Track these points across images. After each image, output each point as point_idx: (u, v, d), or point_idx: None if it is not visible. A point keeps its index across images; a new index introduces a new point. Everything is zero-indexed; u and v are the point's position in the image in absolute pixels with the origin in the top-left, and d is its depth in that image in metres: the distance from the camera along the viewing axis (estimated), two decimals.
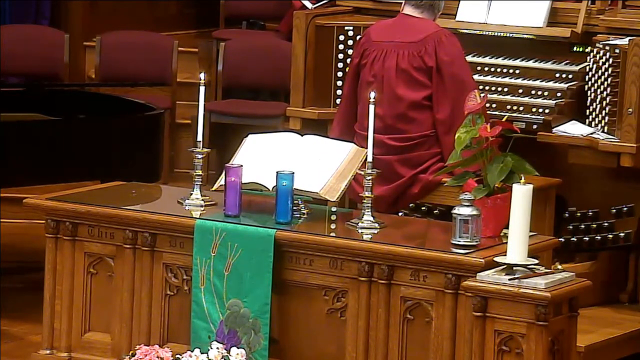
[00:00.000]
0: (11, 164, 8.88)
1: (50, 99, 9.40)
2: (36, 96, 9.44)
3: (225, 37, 11.30)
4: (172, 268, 7.72)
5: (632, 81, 8.43)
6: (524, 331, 6.76)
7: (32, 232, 9.32)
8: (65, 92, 9.75)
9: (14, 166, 8.88)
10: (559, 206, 8.58)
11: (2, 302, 9.13)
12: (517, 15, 9.09)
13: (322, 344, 7.51)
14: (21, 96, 9.48)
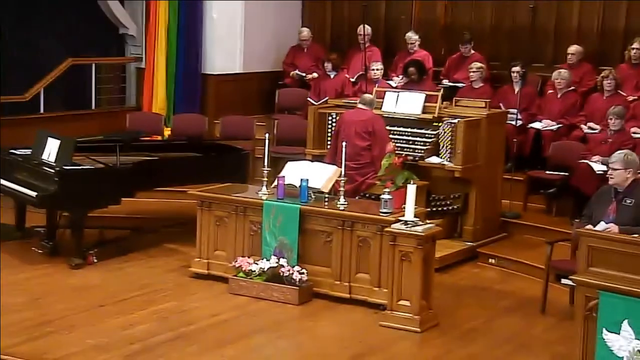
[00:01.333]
0: (180, 175, 8.66)
1: (200, 147, 9.38)
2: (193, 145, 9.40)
3: (277, 118, 11.25)
4: (253, 223, 7.64)
5: (459, 138, 8.44)
6: (412, 250, 6.72)
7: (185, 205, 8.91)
8: (206, 144, 9.65)
9: (182, 176, 8.64)
10: (428, 194, 8.55)
11: (172, 239, 8.76)
12: (409, 106, 8.85)
13: (322, 258, 7.41)
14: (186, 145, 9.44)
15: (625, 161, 6.13)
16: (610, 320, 5.43)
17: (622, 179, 6.10)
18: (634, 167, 6.13)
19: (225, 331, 6.65)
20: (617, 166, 6.15)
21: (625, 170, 6.09)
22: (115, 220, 8.90)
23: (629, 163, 6.12)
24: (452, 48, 11.25)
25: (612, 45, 10.52)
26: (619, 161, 6.16)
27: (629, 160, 6.14)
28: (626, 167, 6.11)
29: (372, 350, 6.37)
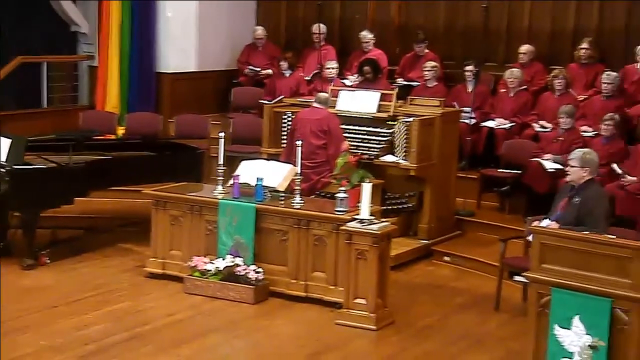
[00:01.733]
0: (134, 174, 8.56)
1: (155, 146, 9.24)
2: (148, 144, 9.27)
3: (232, 116, 11.12)
4: (209, 222, 7.62)
5: (414, 137, 8.48)
6: (368, 248, 6.75)
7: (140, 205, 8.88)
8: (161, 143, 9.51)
9: (137, 175, 8.55)
10: (383, 193, 8.56)
11: (126, 239, 8.74)
12: (364, 105, 8.87)
13: (278, 257, 7.41)
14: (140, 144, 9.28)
15: (583, 159, 6.16)
16: (561, 316, 5.51)
17: (578, 177, 6.15)
18: (590, 166, 6.16)
19: (181, 331, 6.64)
20: (574, 163, 6.19)
21: (582, 169, 6.13)
22: (69, 220, 8.81)
23: (586, 162, 6.15)
24: (406, 47, 11.30)
25: (562, 45, 10.63)
26: (577, 159, 6.19)
27: (586, 159, 6.16)
28: (583, 165, 6.15)
29: (328, 348, 6.39)
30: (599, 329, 5.38)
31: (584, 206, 5.99)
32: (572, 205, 6.07)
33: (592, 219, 5.92)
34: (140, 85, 11.35)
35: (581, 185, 6.12)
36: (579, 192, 6.09)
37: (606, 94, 9.47)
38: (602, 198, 6.09)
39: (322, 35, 11.08)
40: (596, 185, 6.17)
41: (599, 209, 6.00)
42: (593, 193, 6.04)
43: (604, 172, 8.48)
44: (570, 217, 6.03)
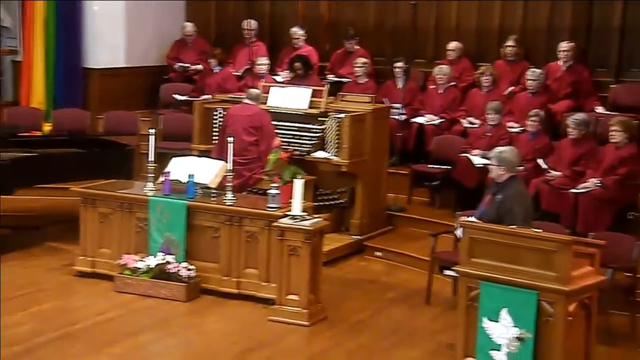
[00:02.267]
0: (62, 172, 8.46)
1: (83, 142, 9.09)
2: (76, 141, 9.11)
3: (162, 113, 11.00)
4: (139, 219, 7.57)
5: (345, 133, 8.54)
6: (300, 245, 6.79)
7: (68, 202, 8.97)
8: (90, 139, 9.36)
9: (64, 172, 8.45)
10: (315, 189, 8.61)
11: (54, 237, 8.66)
12: (295, 101, 8.90)
13: (210, 254, 7.39)
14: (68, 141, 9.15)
15: (499, 158, 6.25)
16: (490, 309, 5.61)
17: (497, 175, 6.24)
18: (507, 164, 6.24)
19: (112, 330, 6.58)
20: (493, 162, 6.30)
21: (499, 167, 6.22)
22: None
23: (501, 160, 6.23)
24: (336, 44, 11.35)
25: (489, 42, 10.78)
26: (494, 157, 6.29)
27: (502, 157, 6.24)
28: (499, 163, 6.24)
29: (261, 344, 6.41)
30: (526, 321, 5.46)
31: (503, 204, 6.07)
32: (494, 202, 6.16)
33: (511, 217, 6.00)
34: (66, 81, 11.14)
35: (503, 183, 6.20)
36: (501, 189, 6.18)
37: (531, 91, 9.67)
38: (521, 196, 6.16)
39: (252, 32, 11.05)
40: (517, 183, 6.25)
41: (518, 208, 6.07)
42: (513, 191, 6.11)
43: (530, 167, 8.72)
44: (492, 214, 6.12)
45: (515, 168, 6.30)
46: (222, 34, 12.18)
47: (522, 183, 6.31)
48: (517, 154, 6.38)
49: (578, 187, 8.13)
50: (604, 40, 10.17)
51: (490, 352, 5.61)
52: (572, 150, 8.48)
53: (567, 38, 10.14)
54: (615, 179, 8.05)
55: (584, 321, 5.64)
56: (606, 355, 6.38)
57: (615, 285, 6.62)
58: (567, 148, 8.55)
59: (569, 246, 5.44)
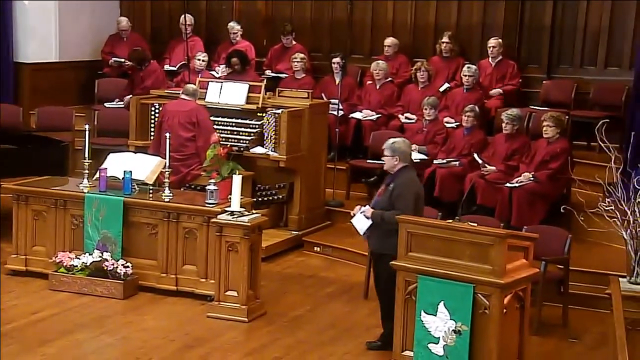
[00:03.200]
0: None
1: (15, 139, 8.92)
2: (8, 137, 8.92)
3: (98, 109, 10.78)
4: (75, 216, 7.51)
5: (283, 128, 8.55)
6: (239, 240, 6.77)
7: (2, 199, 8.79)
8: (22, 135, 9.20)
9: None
10: (253, 184, 8.63)
11: None
12: (232, 97, 8.86)
13: (147, 251, 7.36)
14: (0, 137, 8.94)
15: (392, 148, 6.26)
16: (427, 302, 5.71)
17: (391, 165, 6.26)
18: (400, 154, 6.25)
19: (46, 329, 6.50)
20: (386, 153, 6.30)
21: (392, 157, 6.24)
22: None
23: (394, 150, 6.25)
24: (273, 39, 11.36)
25: (425, 38, 10.93)
26: (387, 148, 6.30)
27: (395, 147, 6.26)
28: (392, 154, 6.26)
29: (199, 341, 6.42)
30: (462, 314, 5.58)
31: (395, 191, 6.17)
32: (387, 192, 6.24)
33: (401, 201, 6.12)
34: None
35: (396, 173, 6.25)
36: (394, 179, 6.24)
37: (467, 87, 9.82)
38: (411, 183, 6.25)
39: (189, 27, 10.97)
40: (409, 171, 6.30)
41: (408, 193, 6.15)
42: (404, 178, 6.21)
43: (465, 162, 8.85)
44: (384, 202, 6.22)
45: (408, 158, 6.34)
46: (159, 28, 12.08)
47: (414, 172, 6.35)
48: (409, 145, 6.44)
49: (512, 181, 8.27)
50: (536, 37, 10.41)
51: (428, 345, 5.71)
52: (506, 145, 8.62)
53: (500, 35, 10.36)
54: (548, 173, 8.20)
55: (518, 313, 5.78)
56: (539, 345, 6.52)
57: (548, 278, 6.76)
58: (501, 143, 8.69)
59: (504, 240, 5.55)
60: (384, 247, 6.24)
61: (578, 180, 7.62)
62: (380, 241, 6.30)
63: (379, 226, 6.26)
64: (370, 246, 6.54)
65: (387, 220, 6.17)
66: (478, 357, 5.59)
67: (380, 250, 6.33)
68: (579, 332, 6.82)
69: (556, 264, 6.93)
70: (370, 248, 6.56)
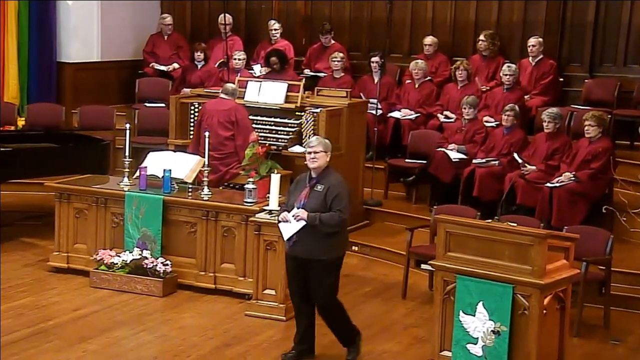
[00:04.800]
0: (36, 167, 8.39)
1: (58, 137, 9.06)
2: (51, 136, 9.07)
3: (138, 108, 10.86)
4: (115, 214, 7.58)
5: (322, 127, 8.53)
6: (277, 239, 6.66)
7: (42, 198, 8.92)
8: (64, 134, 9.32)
9: (39, 167, 8.39)
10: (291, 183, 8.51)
11: (28, 233, 8.58)
12: (271, 96, 8.86)
13: (186, 249, 7.38)
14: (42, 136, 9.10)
15: (325, 144, 6.05)
16: (466, 302, 5.65)
17: (323, 163, 5.99)
18: (331, 150, 6.08)
19: (87, 326, 6.56)
20: (320, 149, 6.02)
21: (326, 153, 6.01)
22: None
23: (327, 146, 6.04)
24: (312, 38, 11.36)
25: (465, 37, 10.86)
26: (320, 144, 6.04)
27: (327, 143, 6.07)
28: (326, 150, 6.03)
29: (237, 339, 6.44)
30: (502, 315, 5.52)
31: (330, 191, 5.90)
32: (315, 193, 5.94)
33: (340, 202, 5.89)
34: (40, 76, 11.11)
35: (321, 173, 5.99)
36: (320, 180, 5.97)
37: (507, 86, 9.72)
38: (343, 182, 6.06)
39: (228, 26, 11.02)
40: (333, 171, 6.09)
41: (344, 192, 5.95)
42: (334, 179, 5.98)
43: (505, 162, 8.78)
44: (317, 204, 5.92)
45: None
46: (199, 28, 12.15)
47: (335, 171, 6.14)
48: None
49: (553, 181, 8.19)
50: (578, 36, 10.30)
51: (466, 345, 5.65)
52: (547, 145, 8.53)
53: (541, 34, 10.25)
54: (589, 173, 8.11)
55: (558, 314, 5.71)
56: (580, 347, 6.48)
57: (589, 279, 6.69)
58: (542, 142, 8.61)
59: (544, 240, 5.48)
60: (315, 252, 5.89)
61: (620, 180, 7.52)
62: (312, 246, 5.89)
63: (311, 230, 5.87)
64: (295, 252, 6.00)
65: (325, 222, 5.85)
66: (517, 358, 5.53)
67: (311, 256, 5.91)
68: (621, 334, 6.75)
69: (597, 264, 6.84)
70: (296, 254, 6.00)
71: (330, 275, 5.96)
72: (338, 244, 6.00)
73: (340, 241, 6.02)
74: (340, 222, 5.93)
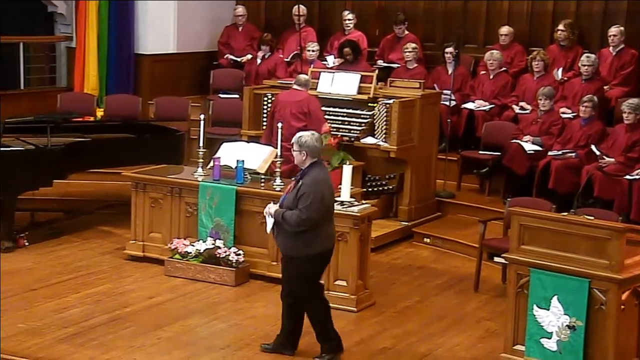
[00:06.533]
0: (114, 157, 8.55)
1: (134, 128, 9.23)
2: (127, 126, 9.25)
3: (212, 99, 11.00)
4: (189, 204, 7.65)
5: (394, 118, 8.52)
6: (348, 231, 6.76)
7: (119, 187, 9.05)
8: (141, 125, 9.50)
9: (116, 157, 8.55)
10: (363, 174, 8.62)
11: (106, 221, 8.77)
12: (344, 87, 8.87)
13: (258, 239, 7.36)
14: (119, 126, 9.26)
15: (299, 143, 5.88)
16: (540, 296, 5.57)
17: (299, 160, 5.90)
18: (306, 149, 5.87)
19: (161, 313, 6.66)
20: (294, 147, 5.94)
21: (300, 152, 5.87)
22: (47, 202, 8.86)
23: (301, 145, 5.87)
24: (386, 29, 11.30)
25: (542, 26, 10.67)
26: (294, 143, 5.94)
27: (301, 142, 5.87)
28: (300, 149, 5.88)
29: (308, 330, 6.39)
30: (577, 309, 5.44)
31: (301, 190, 5.78)
32: (295, 188, 5.87)
33: (304, 201, 5.73)
34: (118, 67, 11.28)
35: (305, 169, 5.88)
36: (303, 175, 5.86)
37: (586, 76, 9.51)
38: (319, 182, 5.83)
39: (302, 17, 11.05)
40: (318, 169, 5.90)
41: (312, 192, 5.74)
42: (311, 177, 5.81)
43: (582, 154, 8.60)
44: (290, 200, 5.83)
45: (316, 153, 5.92)
46: (272, 19, 12.21)
47: (324, 169, 5.99)
48: (318, 139, 5.97)
49: (632, 173, 8.02)
50: None
51: (540, 339, 5.59)
52: (627, 136, 8.36)
53: (622, 23, 9.98)
54: None
55: (637, 309, 5.59)
56: None
57: None
58: (622, 134, 8.43)
59: (622, 234, 5.38)
60: (288, 248, 5.85)
61: None
62: (286, 242, 5.86)
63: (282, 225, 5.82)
64: (278, 245, 6.08)
65: (286, 221, 5.75)
66: (594, 353, 5.46)
67: (286, 252, 5.89)
68: None
69: None
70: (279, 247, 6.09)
71: (299, 271, 5.82)
72: (309, 242, 5.78)
73: (312, 240, 5.78)
74: (298, 221, 5.71)
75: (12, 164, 7.85)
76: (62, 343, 5.99)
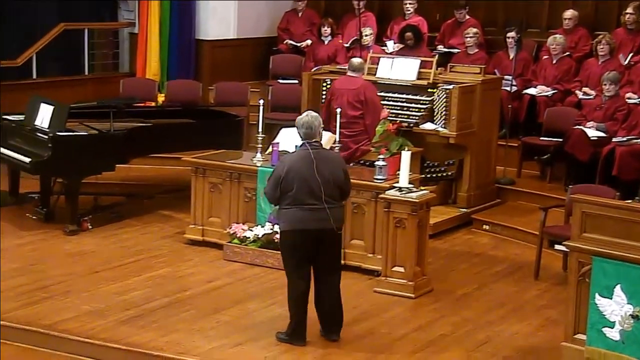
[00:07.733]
0: (174, 142, 8.65)
1: (194, 113, 9.36)
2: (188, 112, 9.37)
3: (272, 84, 11.09)
4: (248, 189, 7.67)
5: (454, 104, 8.43)
6: (407, 217, 6.72)
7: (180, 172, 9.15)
8: (201, 110, 9.62)
9: (176, 142, 8.64)
10: (422, 160, 8.55)
11: (166, 205, 8.82)
12: (403, 72, 8.78)
13: None
14: (180, 111, 9.40)
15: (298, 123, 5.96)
16: (602, 285, 5.47)
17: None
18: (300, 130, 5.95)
19: (220, 297, 6.71)
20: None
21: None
22: (110, 186, 8.95)
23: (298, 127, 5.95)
24: (446, 14, 11.20)
25: (608, 10, 10.49)
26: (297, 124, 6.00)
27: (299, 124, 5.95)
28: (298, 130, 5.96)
29: (366, 315, 6.42)
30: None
31: None
32: None
33: None
34: (180, 53, 11.43)
35: None
36: None
37: None
38: (282, 162, 5.96)
39: (362, 2, 11.00)
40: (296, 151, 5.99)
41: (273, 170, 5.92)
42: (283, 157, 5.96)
43: None
44: None
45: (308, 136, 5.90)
46: (332, 4, 12.18)
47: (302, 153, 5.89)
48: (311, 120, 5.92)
49: None
50: None
51: (602, 329, 5.48)
52: None
53: None
54: None
55: None
56: None
57: None
58: None
59: None
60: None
61: None
62: None
63: None
64: None
65: None
66: None
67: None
68: None
69: None
70: None
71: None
72: (279, 218, 5.93)
73: (280, 217, 5.91)
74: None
75: (76, 149, 8.00)
76: (124, 325, 6.08)
